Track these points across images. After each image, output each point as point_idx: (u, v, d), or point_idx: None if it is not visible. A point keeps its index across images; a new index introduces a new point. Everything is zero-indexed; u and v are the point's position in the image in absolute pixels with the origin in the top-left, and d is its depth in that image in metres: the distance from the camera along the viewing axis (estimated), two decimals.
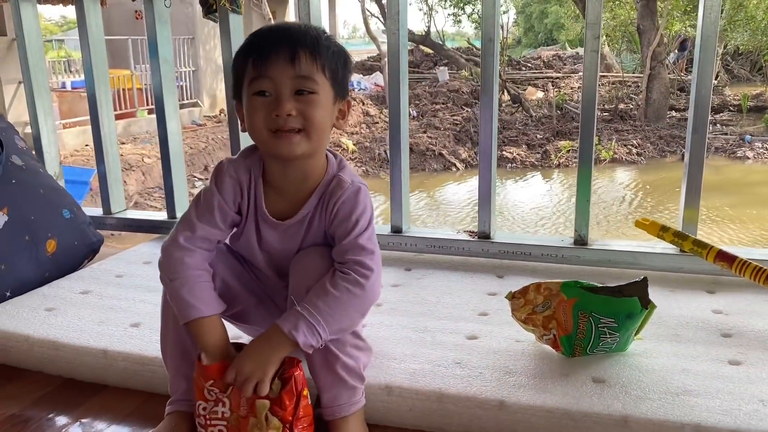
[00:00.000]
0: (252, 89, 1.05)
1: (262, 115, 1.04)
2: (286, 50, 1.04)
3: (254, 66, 1.05)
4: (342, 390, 1.10)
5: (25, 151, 1.90)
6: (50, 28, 28.27)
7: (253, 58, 1.05)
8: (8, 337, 1.43)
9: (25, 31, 2.13)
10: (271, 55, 1.04)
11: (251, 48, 1.07)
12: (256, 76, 1.05)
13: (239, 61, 1.09)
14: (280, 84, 1.03)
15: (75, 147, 8.76)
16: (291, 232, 1.15)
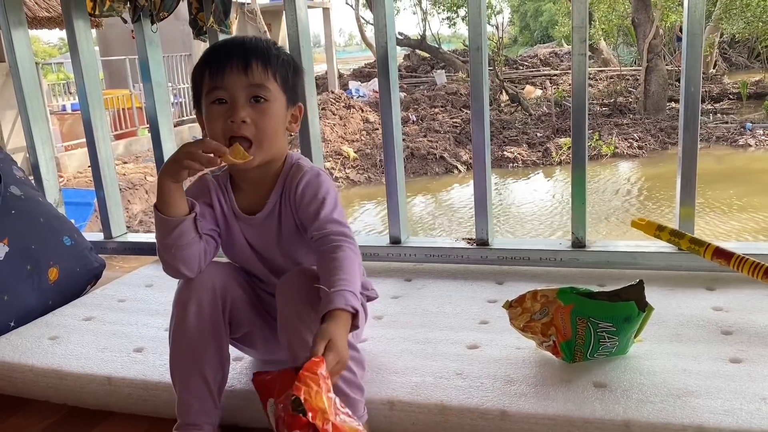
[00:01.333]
0: (209, 98, 1.14)
1: (219, 123, 1.13)
2: (239, 61, 1.13)
3: (210, 77, 1.13)
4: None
5: (23, 180, 1.91)
6: (49, 51, 28.44)
7: (210, 69, 1.14)
8: (13, 368, 1.44)
9: (18, 59, 2.15)
10: (226, 66, 1.12)
11: (207, 60, 1.16)
12: (213, 87, 1.13)
13: (197, 74, 1.17)
14: (235, 92, 1.12)
15: (77, 168, 8.81)
16: (265, 225, 1.22)
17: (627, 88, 13.52)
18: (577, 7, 1.61)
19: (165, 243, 1.14)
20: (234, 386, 1.26)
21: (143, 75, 2.06)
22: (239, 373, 1.32)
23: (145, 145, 10.00)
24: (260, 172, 1.20)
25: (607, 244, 1.77)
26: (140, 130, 10.28)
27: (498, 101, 13.14)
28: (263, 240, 1.23)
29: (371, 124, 11.94)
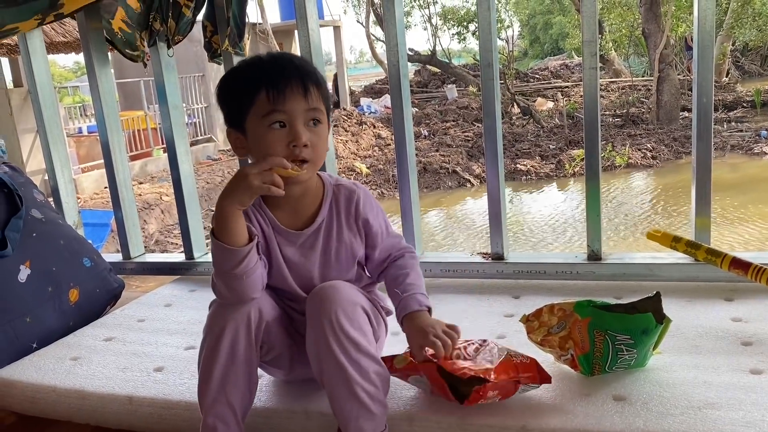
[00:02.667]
0: (268, 121, 1.12)
1: (280, 146, 1.12)
2: (298, 84, 1.13)
3: (270, 100, 1.12)
4: (366, 420, 1.10)
5: (43, 203, 1.95)
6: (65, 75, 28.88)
7: (269, 91, 1.12)
8: (36, 389, 1.46)
9: (38, 83, 2.19)
10: (287, 89, 1.12)
11: (262, 79, 1.13)
12: (273, 110, 1.12)
13: (245, 88, 1.14)
14: (296, 116, 1.13)
15: (94, 190, 8.91)
16: (310, 241, 1.23)
17: (639, 99, 13.49)
18: (587, 21, 1.62)
19: (233, 273, 1.12)
20: (254, 405, 1.27)
21: (160, 97, 2.10)
22: (259, 390, 1.32)
23: (160, 166, 10.11)
24: (300, 189, 1.20)
25: (623, 257, 1.77)
26: (155, 150, 10.40)
27: (509, 114, 13.16)
28: (304, 257, 1.23)
29: (383, 140, 11.99)
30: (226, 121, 1.19)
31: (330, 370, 1.10)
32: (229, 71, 1.21)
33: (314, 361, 1.13)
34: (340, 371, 1.09)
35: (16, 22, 1.38)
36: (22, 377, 1.50)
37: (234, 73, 1.20)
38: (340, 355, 1.09)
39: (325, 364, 1.10)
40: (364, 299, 1.18)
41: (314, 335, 1.12)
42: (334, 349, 1.09)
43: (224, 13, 1.88)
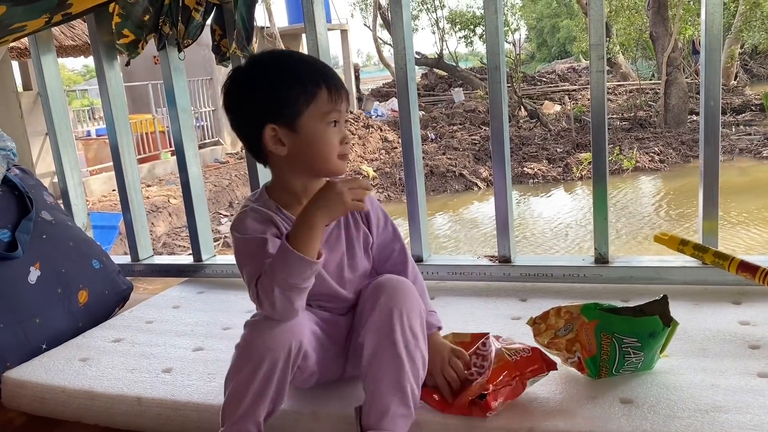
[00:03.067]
0: (328, 119, 1.15)
1: (336, 144, 1.17)
2: (343, 87, 1.19)
3: (331, 99, 1.15)
4: (402, 417, 1.12)
5: (53, 205, 1.96)
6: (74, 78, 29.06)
7: (330, 90, 1.15)
8: (46, 390, 1.47)
9: (48, 87, 2.21)
10: (341, 90, 1.17)
11: (323, 77, 1.15)
12: (333, 109, 1.15)
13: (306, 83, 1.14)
14: (343, 116, 1.19)
15: (102, 193, 8.96)
16: (334, 235, 1.24)
17: (647, 102, 13.45)
18: (595, 24, 1.63)
19: (300, 287, 1.10)
20: None
21: (168, 101, 2.11)
22: None
23: (168, 168, 10.16)
24: (318, 185, 1.19)
25: (630, 260, 1.77)
26: (163, 153, 10.45)
27: (517, 117, 13.16)
28: (333, 251, 1.24)
29: (390, 143, 12.01)
30: (270, 116, 1.15)
31: (386, 359, 1.11)
32: (263, 64, 1.19)
33: (369, 345, 1.13)
34: (396, 361, 1.11)
35: (24, 21, 1.39)
36: (31, 378, 1.51)
37: (280, 67, 1.17)
38: (402, 346, 1.11)
39: (381, 351, 1.12)
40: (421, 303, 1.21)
41: (378, 321, 1.13)
42: (398, 338, 1.11)
43: (233, 17, 1.89)
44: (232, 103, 1.20)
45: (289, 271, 1.08)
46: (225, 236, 7.99)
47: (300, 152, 1.16)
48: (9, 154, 1.88)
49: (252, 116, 1.16)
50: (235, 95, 1.19)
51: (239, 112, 1.20)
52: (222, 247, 7.58)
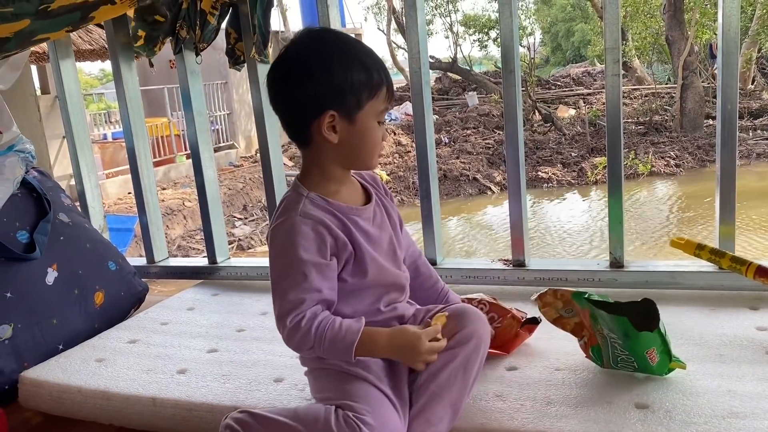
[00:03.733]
0: (379, 117, 1.15)
1: (381, 141, 1.18)
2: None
3: (389, 97, 1.16)
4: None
5: (71, 207, 1.98)
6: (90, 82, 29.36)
7: (388, 88, 1.15)
8: (62, 390, 1.49)
9: (66, 90, 2.24)
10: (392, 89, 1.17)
11: (385, 75, 1.15)
12: (386, 108, 1.16)
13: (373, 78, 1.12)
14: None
15: (118, 195, 9.04)
16: (378, 216, 1.24)
17: (662, 106, 13.36)
18: (610, 28, 1.62)
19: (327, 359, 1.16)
20: (276, 407, 1.28)
21: (184, 104, 2.13)
22: (280, 394, 1.33)
23: (183, 172, 10.23)
24: (350, 177, 1.24)
25: (645, 264, 1.75)
26: (178, 156, 10.53)
27: (531, 121, 13.11)
28: (382, 230, 1.23)
29: (403, 147, 12.01)
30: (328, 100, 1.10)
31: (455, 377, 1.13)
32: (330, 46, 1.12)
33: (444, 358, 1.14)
34: (463, 382, 1.13)
35: (48, 33, 1.42)
36: (48, 378, 1.53)
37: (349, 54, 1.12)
38: (472, 373, 1.15)
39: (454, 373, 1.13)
40: None
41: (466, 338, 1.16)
42: (473, 365, 1.15)
43: (248, 21, 1.90)
44: (288, 79, 1.12)
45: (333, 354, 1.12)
46: (239, 239, 8.03)
47: (350, 144, 1.13)
48: (28, 157, 1.90)
49: (312, 98, 1.10)
50: (295, 71, 1.11)
51: (296, 91, 1.11)
52: (236, 250, 7.62)
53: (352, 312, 1.17)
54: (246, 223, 8.72)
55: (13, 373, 1.57)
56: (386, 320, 1.21)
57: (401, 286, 1.26)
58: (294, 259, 1.10)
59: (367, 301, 1.20)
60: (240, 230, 8.41)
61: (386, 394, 1.13)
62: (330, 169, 1.18)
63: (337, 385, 1.14)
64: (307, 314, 1.09)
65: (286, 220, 1.13)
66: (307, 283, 1.10)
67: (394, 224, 1.29)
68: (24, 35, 1.37)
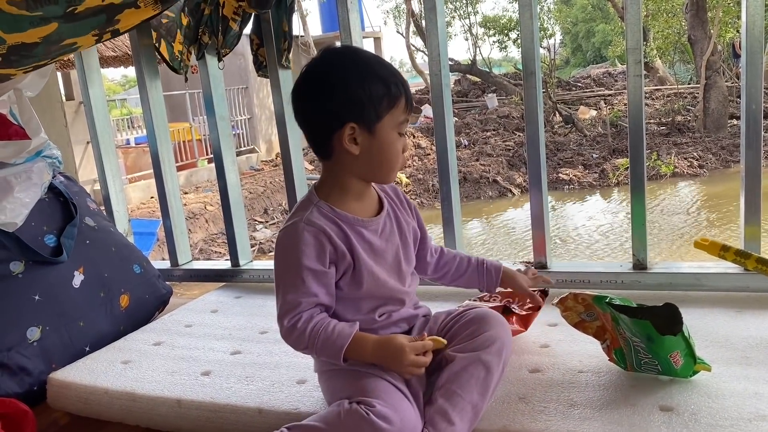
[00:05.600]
0: (399, 129, 1.17)
1: (401, 155, 1.19)
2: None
3: (407, 108, 1.18)
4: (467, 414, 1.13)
5: (96, 212, 2.02)
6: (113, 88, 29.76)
7: (407, 99, 1.17)
8: (89, 391, 1.51)
9: (92, 96, 2.28)
10: (411, 101, 1.19)
11: (403, 87, 1.17)
12: (405, 120, 1.18)
13: (392, 90, 1.15)
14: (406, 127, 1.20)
15: (141, 200, 9.15)
16: (387, 228, 1.26)
17: (685, 107, 13.20)
18: (631, 28, 1.61)
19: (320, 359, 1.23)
20: (299, 408, 1.29)
21: (207, 109, 2.15)
22: (303, 395, 1.35)
23: (205, 176, 10.33)
24: (371, 189, 1.27)
25: (669, 266, 1.74)
26: (200, 161, 10.63)
27: (551, 123, 13.03)
28: (388, 242, 1.26)
29: (423, 149, 12.01)
30: (349, 112, 1.13)
31: (477, 380, 1.14)
32: (349, 60, 1.17)
33: (461, 363, 1.16)
34: (485, 385, 1.14)
35: (75, 37, 1.44)
36: (75, 379, 1.56)
37: (368, 66, 1.16)
38: (494, 377, 1.16)
39: (477, 373, 1.14)
40: None
41: (488, 341, 1.17)
42: (495, 368, 1.16)
43: (269, 27, 1.92)
44: (310, 94, 1.16)
45: (325, 354, 1.16)
46: (260, 242, 8.09)
47: (371, 156, 1.16)
48: (55, 162, 1.93)
49: (332, 112, 1.14)
50: (316, 86, 1.15)
51: (317, 105, 1.15)
52: (257, 253, 7.68)
53: (350, 318, 1.22)
54: (267, 227, 8.78)
55: (41, 375, 1.60)
56: (381, 327, 1.25)
57: (400, 299, 1.28)
58: (294, 263, 1.16)
59: (363, 310, 1.24)
60: (261, 234, 8.47)
61: (399, 389, 1.15)
62: (348, 182, 1.22)
63: (351, 382, 1.16)
64: (304, 316, 1.16)
65: (292, 225, 1.19)
66: (304, 287, 1.16)
67: (405, 238, 1.30)
68: (52, 40, 1.40)
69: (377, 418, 1.04)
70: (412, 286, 1.32)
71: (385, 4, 35.38)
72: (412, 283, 1.33)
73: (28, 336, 1.63)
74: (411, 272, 1.33)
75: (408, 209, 1.35)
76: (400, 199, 1.34)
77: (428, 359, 1.15)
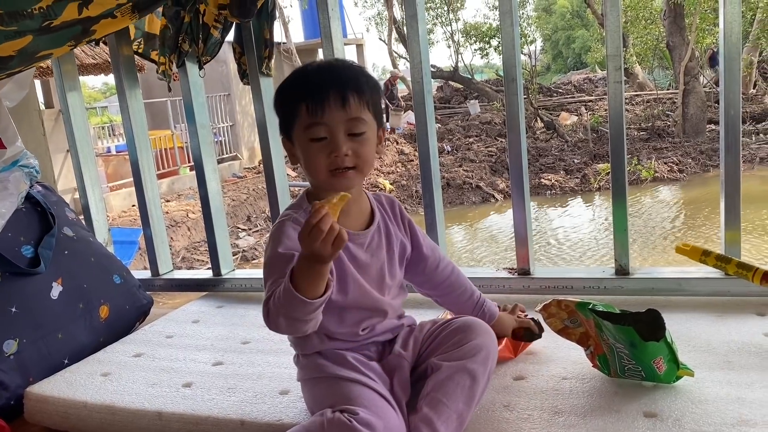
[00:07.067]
0: (308, 135, 1.14)
1: (322, 159, 1.14)
2: (337, 95, 1.12)
3: (309, 112, 1.13)
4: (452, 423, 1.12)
5: (75, 222, 1.99)
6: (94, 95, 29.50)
7: (307, 104, 1.13)
8: (68, 404, 1.48)
9: (70, 105, 2.25)
10: (324, 102, 1.12)
11: (303, 92, 1.15)
12: (311, 123, 1.14)
13: (290, 101, 1.17)
14: (335, 128, 1.14)
15: (122, 208, 9.06)
16: (375, 242, 1.25)
17: (664, 112, 13.37)
18: (611, 35, 1.62)
19: (304, 319, 1.06)
20: (282, 420, 1.28)
21: (188, 117, 2.13)
22: (286, 406, 1.33)
23: (187, 183, 10.26)
24: (357, 192, 1.23)
25: (651, 271, 1.75)
26: (182, 168, 10.56)
27: (533, 129, 13.13)
28: (374, 256, 1.25)
29: (406, 155, 12.03)
30: (280, 130, 1.22)
31: (462, 389, 1.13)
32: (282, 82, 1.22)
33: (447, 371, 1.15)
34: (470, 394, 1.13)
35: (51, 49, 1.42)
36: (53, 393, 1.53)
37: (282, 84, 1.21)
38: (480, 386, 1.15)
39: (462, 381, 1.13)
40: None
41: (474, 350, 1.16)
42: (481, 377, 1.14)
43: (251, 35, 1.91)
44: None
45: (292, 308, 1.04)
46: (243, 250, 8.04)
47: (302, 162, 1.19)
48: (32, 172, 1.91)
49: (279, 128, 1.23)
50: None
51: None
52: (240, 261, 7.63)
53: (335, 330, 1.21)
54: (250, 234, 8.73)
55: (18, 389, 1.57)
56: (364, 339, 1.24)
57: (383, 310, 1.27)
58: (275, 253, 1.14)
59: (346, 321, 1.23)
60: (244, 241, 8.42)
61: (383, 396, 1.14)
62: (315, 186, 1.23)
63: (333, 390, 1.15)
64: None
65: (279, 223, 1.20)
66: (279, 273, 1.10)
67: (392, 252, 1.29)
68: (27, 53, 1.38)
69: (361, 425, 1.03)
70: (396, 299, 1.31)
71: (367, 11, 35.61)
72: (397, 296, 1.31)
73: (5, 349, 1.60)
74: (398, 285, 1.31)
75: (401, 224, 1.33)
76: (395, 213, 1.33)
77: (326, 220, 0.98)
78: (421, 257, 1.36)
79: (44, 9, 1.22)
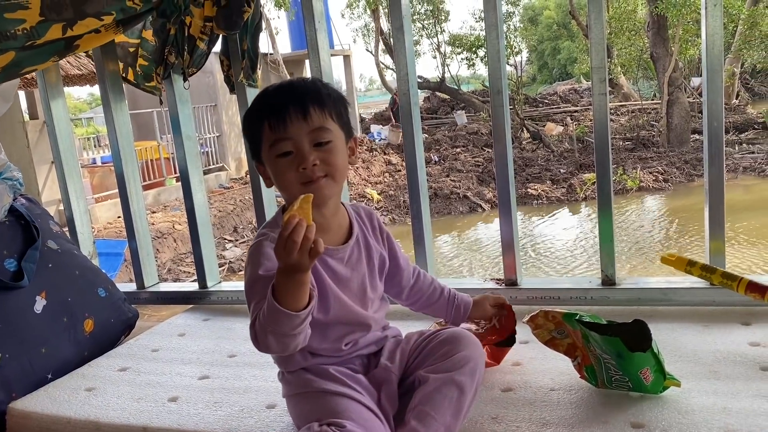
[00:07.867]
0: (274, 152, 1.15)
1: (291, 174, 1.15)
2: (297, 108, 1.13)
3: (272, 129, 1.14)
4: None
5: (59, 234, 1.97)
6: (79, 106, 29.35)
7: (269, 121, 1.14)
8: (52, 421, 1.46)
9: (55, 116, 2.23)
10: (286, 116, 1.13)
11: (263, 112, 1.16)
12: (276, 139, 1.14)
13: (254, 125, 1.18)
14: (300, 141, 1.14)
15: (108, 219, 8.99)
16: (354, 256, 1.24)
17: (649, 122, 13.50)
18: (596, 47, 1.64)
19: (292, 334, 1.04)
20: None
21: (174, 128, 2.12)
22: (273, 420, 1.32)
23: (173, 194, 10.20)
24: (333, 205, 1.23)
25: (637, 281, 1.75)
26: (168, 179, 10.50)
27: (519, 139, 13.21)
28: (354, 270, 1.24)
29: (393, 165, 12.05)
30: (252, 155, 1.23)
31: (450, 401, 1.12)
32: (248, 108, 1.24)
33: (434, 383, 1.14)
34: (458, 406, 1.13)
35: (35, 65, 1.42)
36: (37, 408, 1.50)
37: (247, 110, 1.22)
38: (467, 398, 1.14)
39: (449, 394, 1.13)
40: None
41: (461, 362, 1.16)
42: (468, 390, 1.14)
43: (237, 46, 1.91)
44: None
45: (279, 324, 1.02)
46: (230, 262, 8.00)
47: (275, 182, 1.20)
48: (15, 184, 1.89)
49: (251, 154, 1.25)
50: None
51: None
52: (227, 272, 7.58)
53: (317, 347, 1.20)
54: (236, 245, 8.68)
55: (1, 405, 1.54)
56: (347, 354, 1.24)
57: (366, 324, 1.26)
58: (256, 275, 1.13)
59: (329, 338, 1.22)
60: (231, 252, 8.37)
61: (370, 408, 1.13)
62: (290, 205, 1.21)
63: (320, 405, 1.14)
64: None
65: (257, 242, 1.19)
66: (260, 295, 1.09)
67: (372, 265, 1.29)
68: (10, 68, 1.37)
69: None
70: (379, 312, 1.30)
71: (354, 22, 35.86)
72: (380, 308, 1.31)
73: None
74: (379, 298, 1.32)
75: (379, 236, 1.33)
76: (374, 226, 1.33)
77: (298, 230, 0.97)
78: (398, 269, 1.37)
79: (28, 30, 1.22)
